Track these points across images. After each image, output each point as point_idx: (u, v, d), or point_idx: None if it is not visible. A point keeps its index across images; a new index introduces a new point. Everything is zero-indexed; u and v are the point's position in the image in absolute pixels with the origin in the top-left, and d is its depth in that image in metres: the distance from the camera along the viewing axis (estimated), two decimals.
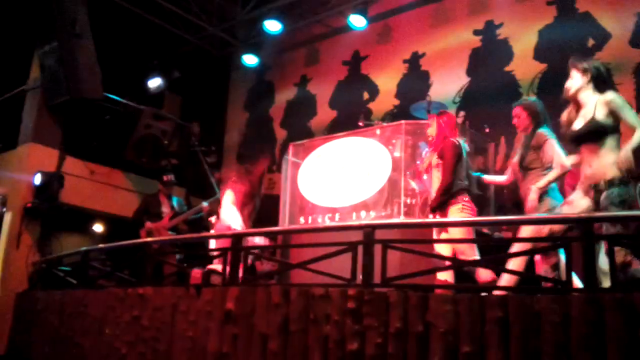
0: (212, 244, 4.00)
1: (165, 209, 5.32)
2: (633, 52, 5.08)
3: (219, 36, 7.59)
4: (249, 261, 3.24)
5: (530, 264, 3.23)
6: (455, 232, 3.29)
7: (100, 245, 4.41)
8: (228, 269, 3.05)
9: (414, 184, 4.42)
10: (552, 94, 5.37)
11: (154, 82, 6.94)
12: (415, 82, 6.43)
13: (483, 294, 2.49)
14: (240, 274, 3.03)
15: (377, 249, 2.72)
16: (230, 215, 4.04)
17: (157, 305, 3.21)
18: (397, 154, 4.56)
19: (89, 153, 6.44)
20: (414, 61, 6.53)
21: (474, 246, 3.30)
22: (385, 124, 5.15)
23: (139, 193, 6.51)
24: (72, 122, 6.30)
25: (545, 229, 2.90)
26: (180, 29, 7.32)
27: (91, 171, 6.42)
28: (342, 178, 4.67)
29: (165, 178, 5.47)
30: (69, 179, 6.07)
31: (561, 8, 5.60)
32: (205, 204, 4.93)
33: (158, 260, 3.85)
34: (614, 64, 5.14)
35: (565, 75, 3.36)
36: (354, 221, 3.85)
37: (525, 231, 3.11)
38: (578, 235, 2.40)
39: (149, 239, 3.88)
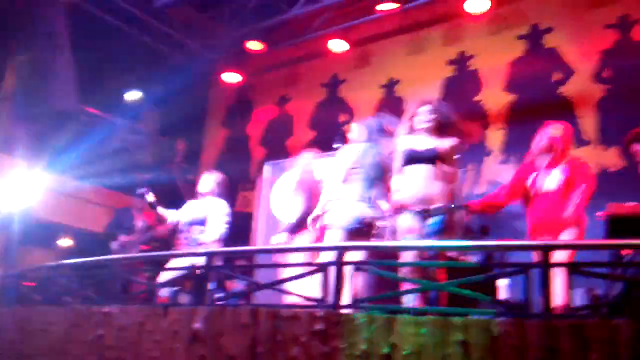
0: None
1: (139, 223, 5.26)
2: (596, 88, 5.35)
3: (200, 52, 7.64)
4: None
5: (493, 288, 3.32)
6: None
7: (66, 261, 4.31)
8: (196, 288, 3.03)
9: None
10: (519, 125, 5.64)
11: (132, 96, 6.91)
12: (391, 107, 6.58)
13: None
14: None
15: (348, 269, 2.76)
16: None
17: (122, 324, 3.16)
18: None
19: (60, 165, 6.34)
20: (390, 87, 6.71)
21: None
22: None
23: (109, 207, 6.42)
24: (45, 133, 6.21)
25: None
26: (161, 43, 7.35)
27: (61, 184, 6.31)
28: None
29: (140, 192, 5.40)
30: (38, 193, 5.96)
31: (530, 43, 5.87)
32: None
33: (125, 277, 3.79)
34: (577, 98, 5.41)
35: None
36: (324, 243, 3.88)
37: None
38: (537, 262, 2.49)
39: (117, 256, 3.82)
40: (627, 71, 5.21)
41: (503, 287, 3.72)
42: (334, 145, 5.67)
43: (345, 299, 2.75)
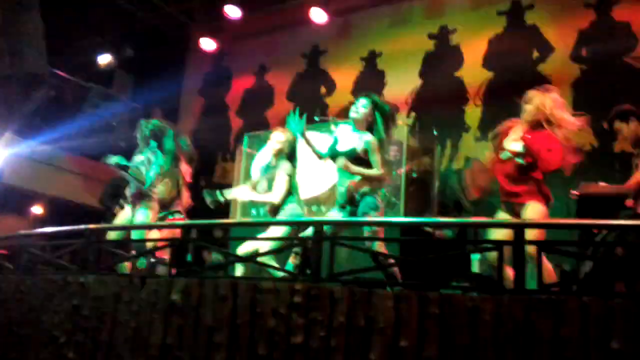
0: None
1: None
2: (573, 67, 5.42)
3: (175, 16, 7.37)
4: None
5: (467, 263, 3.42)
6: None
7: (40, 230, 4.21)
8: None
9: None
10: (497, 102, 5.70)
11: (104, 59, 6.66)
12: (370, 81, 6.55)
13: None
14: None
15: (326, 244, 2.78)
16: None
17: (98, 295, 3.13)
18: None
19: (31, 131, 6.11)
20: (371, 60, 6.65)
21: None
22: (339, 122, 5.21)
23: (84, 175, 6.26)
24: (14, 98, 5.94)
25: None
26: (134, 5, 7.04)
27: (32, 150, 6.11)
28: (295, 172, 4.70)
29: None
30: (9, 158, 5.75)
31: (511, 19, 5.87)
32: None
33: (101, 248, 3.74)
34: (555, 76, 5.48)
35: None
36: (303, 217, 3.89)
37: None
38: (510, 240, 2.57)
39: (92, 226, 3.75)
40: (603, 51, 5.29)
41: (476, 262, 3.83)
42: (315, 118, 5.65)
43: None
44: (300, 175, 3.83)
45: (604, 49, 5.28)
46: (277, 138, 3.80)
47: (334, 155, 3.35)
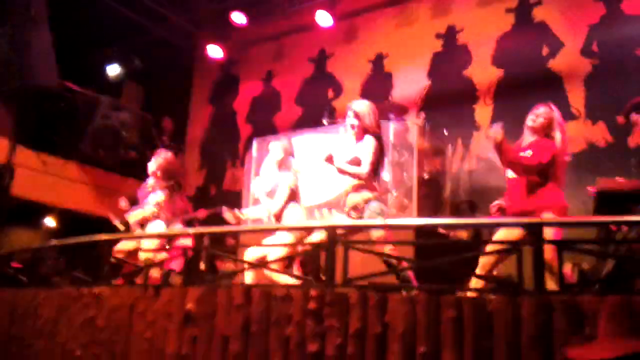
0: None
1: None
2: (584, 62, 5.33)
3: (183, 26, 7.41)
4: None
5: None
6: None
7: (54, 242, 4.23)
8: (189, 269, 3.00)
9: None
10: (508, 100, 5.63)
11: (113, 70, 6.70)
12: (379, 83, 6.51)
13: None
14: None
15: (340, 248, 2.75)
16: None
17: (113, 306, 3.13)
18: None
19: (43, 144, 6.16)
20: (378, 62, 6.61)
21: None
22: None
23: (96, 186, 6.30)
24: (25, 110, 6.00)
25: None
26: (142, 16, 7.10)
27: (44, 163, 6.15)
28: (306, 176, 4.68)
29: None
30: (21, 171, 5.78)
31: (519, 16, 5.80)
32: None
33: (115, 258, 3.74)
34: (566, 72, 5.40)
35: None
36: (316, 221, 3.86)
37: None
38: (528, 239, 2.51)
39: (105, 236, 3.76)
40: (614, 45, 5.20)
41: None
42: (323, 121, 5.63)
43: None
44: (309, 180, 3.81)
45: (614, 43, 5.19)
46: (274, 149, 3.81)
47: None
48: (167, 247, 3.75)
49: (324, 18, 6.47)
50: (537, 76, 5.55)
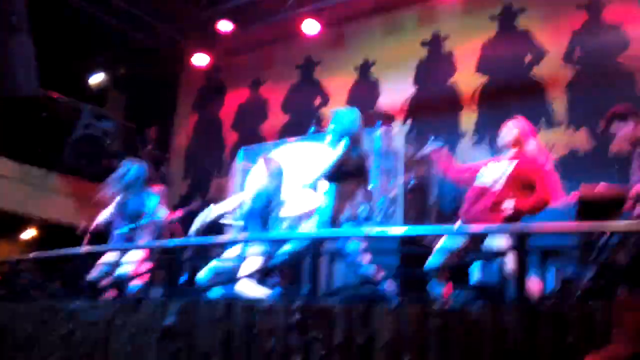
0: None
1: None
2: (566, 69, 5.39)
3: (168, 34, 7.35)
4: None
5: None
6: None
7: (32, 254, 4.14)
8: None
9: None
10: (492, 107, 5.67)
11: (96, 79, 6.62)
12: (365, 90, 6.52)
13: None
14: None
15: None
16: None
17: (91, 320, 3.06)
18: None
19: (23, 153, 6.04)
20: (365, 69, 6.62)
21: None
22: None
23: (78, 197, 6.18)
24: (5, 120, 5.90)
25: None
26: (126, 24, 7.03)
27: (25, 173, 6.02)
28: (292, 184, 4.64)
29: None
30: (0, 182, 5.69)
31: (502, 24, 5.86)
32: None
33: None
34: (549, 79, 5.45)
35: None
36: (300, 231, 3.82)
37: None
38: (512, 247, 2.50)
39: (85, 248, 3.68)
40: (596, 52, 5.26)
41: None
42: (311, 129, 5.61)
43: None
44: (292, 192, 3.79)
45: (596, 51, 5.26)
46: (255, 170, 3.80)
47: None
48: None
49: (310, 25, 6.47)
50: (521, 83, 5.59)
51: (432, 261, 2.98)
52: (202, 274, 3.27)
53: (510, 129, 3.18)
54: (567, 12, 5.47)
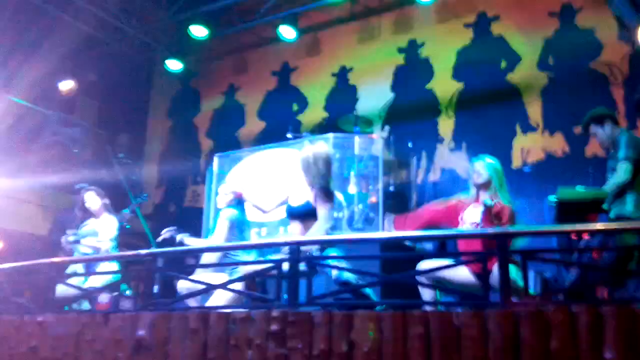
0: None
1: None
2: (541, 75, 5.48)
3: (139, 39, 7.18)
4: None
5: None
6: None
7: None
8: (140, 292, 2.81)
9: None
10: (469, 113, 5.72)
11: (66, 85, 6.41)
12: (343, 96, 6.50)
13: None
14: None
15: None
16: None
17: (58, 334, 2.89)
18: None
19: None
20: (343, 75, 6.60)
21: None
22: (313, 137, 5.11)
23: (45, 207, 5.93)
24: None
25: None
26: (97, 29, 6.83)
27: None
28: (269, 191, 4.55)
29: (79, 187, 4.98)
30: None
31: (477, 31, 5.93)
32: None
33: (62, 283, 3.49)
34: (524, 85, 5.53)
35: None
36: (278, 238, 3.74)
37: None
38: (494, 250, 2.47)
39: (55, 259, 3.50)
40: (569, 58, 5.36)
41: None
42: (288, 135, 5.53)
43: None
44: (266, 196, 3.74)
45: (569, 56, 5.36)
46: (223, 190, 3.83)
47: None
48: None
49: (287, 32, 6.42)
50: (497, 89, 5.66)
51: None
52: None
53: (484, 169, 3.11)
54: (540, 19, 5.58)
